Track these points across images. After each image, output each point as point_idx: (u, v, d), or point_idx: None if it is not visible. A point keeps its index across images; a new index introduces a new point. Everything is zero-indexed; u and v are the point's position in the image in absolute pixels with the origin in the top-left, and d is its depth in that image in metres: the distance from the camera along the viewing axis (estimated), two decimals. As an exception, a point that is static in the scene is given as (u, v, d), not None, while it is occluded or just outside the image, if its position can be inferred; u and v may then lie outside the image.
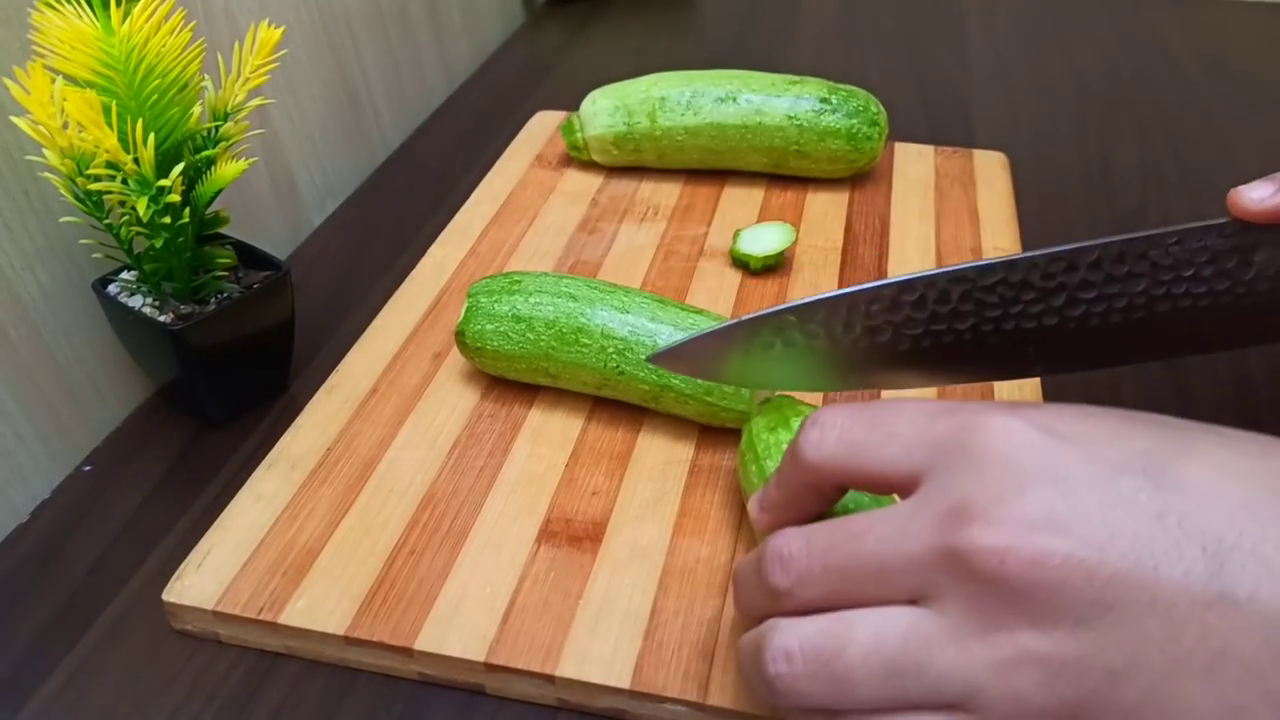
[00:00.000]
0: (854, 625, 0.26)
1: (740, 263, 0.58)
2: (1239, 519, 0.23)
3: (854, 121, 0.61)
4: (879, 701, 0.26)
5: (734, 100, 0.62)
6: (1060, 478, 0.25)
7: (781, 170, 0.64)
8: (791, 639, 0.27)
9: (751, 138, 0.62)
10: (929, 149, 0.69)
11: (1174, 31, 0.90)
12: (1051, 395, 0.49)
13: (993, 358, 0.38)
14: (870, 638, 0.26)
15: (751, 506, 0.35)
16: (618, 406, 0.48)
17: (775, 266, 0.58)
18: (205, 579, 0.41)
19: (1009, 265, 0.36)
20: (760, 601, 0.29)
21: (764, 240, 0.57)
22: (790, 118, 0.61)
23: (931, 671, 0.25)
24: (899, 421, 0.28)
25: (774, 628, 0.28)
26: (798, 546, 0.28)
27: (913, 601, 0.26)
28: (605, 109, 0.65)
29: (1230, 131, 0.74)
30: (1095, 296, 0.36)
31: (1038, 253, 0.36)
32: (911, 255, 0.59)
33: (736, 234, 0.58)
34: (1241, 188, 0.37)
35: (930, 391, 0.47)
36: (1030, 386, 0.49)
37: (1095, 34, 0.90)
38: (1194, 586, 0.23)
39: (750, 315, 0.37)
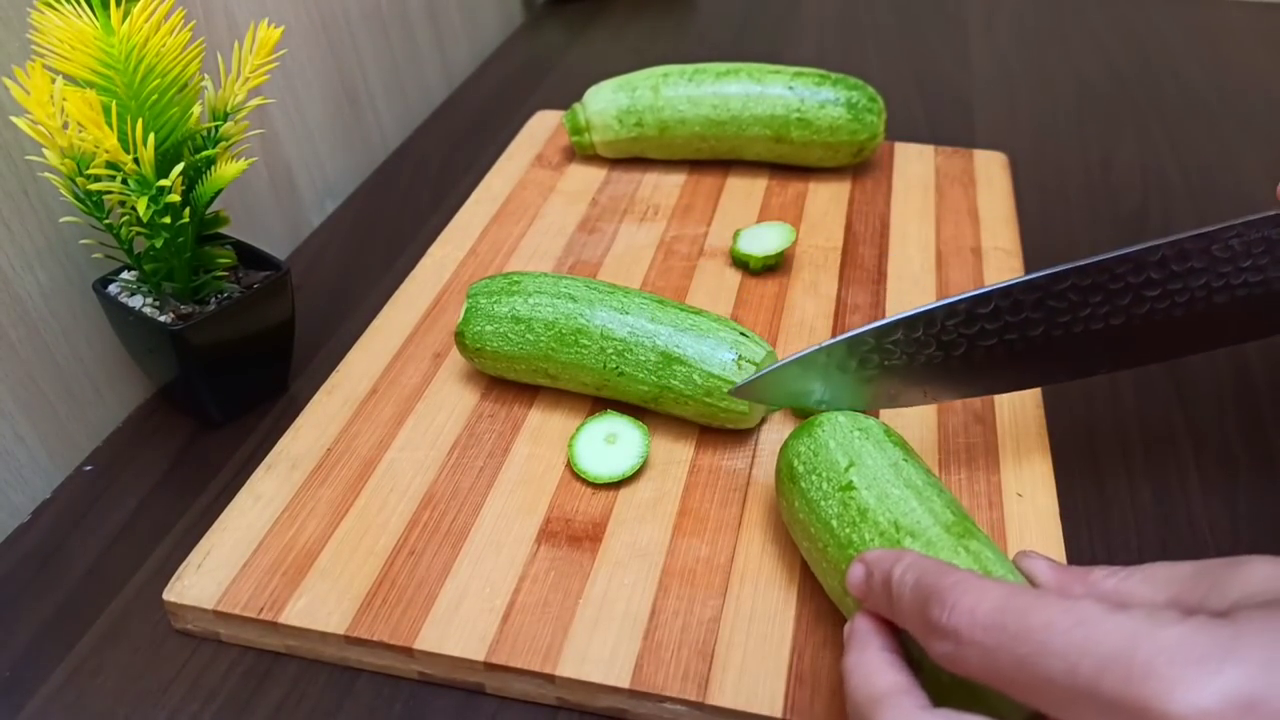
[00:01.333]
0: None
1: (740, 263, 0.58)
2: None
3: (852, 93, 0.64)
4: None
5: (736, 74, 0.65)
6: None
7: (784, 144, 0.64)
8: None
9: (754, 105, 0.64)
10: (929, 149, 0.69)
11: (1174, 31, 0.90)
12: (1051, 404, 0.49)
13: (1058, 360, 0.40)
14: None
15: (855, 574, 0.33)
16: (617, 407, 0.48)
17: (775, 266, 0.57)
18: (205, 579, 0.41)
19: (1079, 271, 0.38)
20: (908, 621, 0.29)
21: (764, 240, 0.57)
22: (790, 87, 0.64)
23: None
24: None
25: (896, 706, 0.27)
26: (988, 604, 0.26)
27: None
28: (609, 86, 0.67)
29: (1231, 131, 0.74)
30: (1159, 294, 0.39)
31: (1106, 256, 0.38)
32: (912, 255, 0.59)
33: (736, 234, 0.58)
34: None
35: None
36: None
37: (1096, 34, 0.90)
38: None
39: (828, 342, 0.40)
